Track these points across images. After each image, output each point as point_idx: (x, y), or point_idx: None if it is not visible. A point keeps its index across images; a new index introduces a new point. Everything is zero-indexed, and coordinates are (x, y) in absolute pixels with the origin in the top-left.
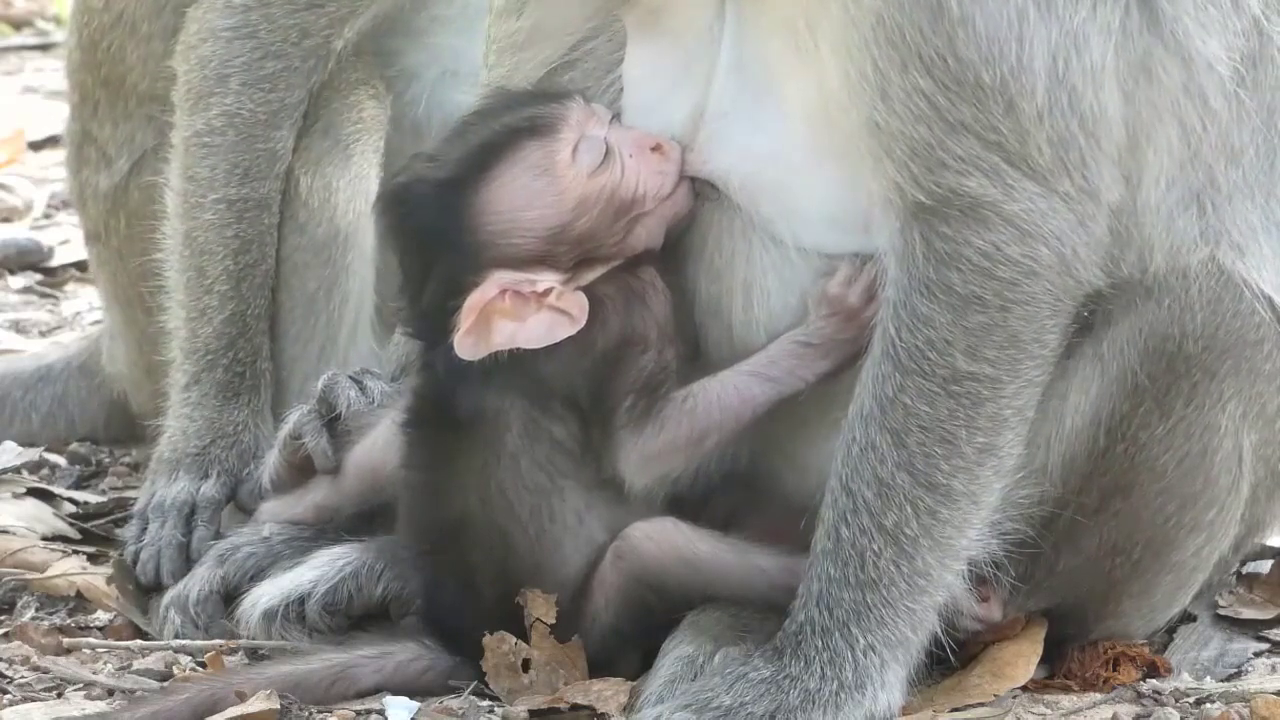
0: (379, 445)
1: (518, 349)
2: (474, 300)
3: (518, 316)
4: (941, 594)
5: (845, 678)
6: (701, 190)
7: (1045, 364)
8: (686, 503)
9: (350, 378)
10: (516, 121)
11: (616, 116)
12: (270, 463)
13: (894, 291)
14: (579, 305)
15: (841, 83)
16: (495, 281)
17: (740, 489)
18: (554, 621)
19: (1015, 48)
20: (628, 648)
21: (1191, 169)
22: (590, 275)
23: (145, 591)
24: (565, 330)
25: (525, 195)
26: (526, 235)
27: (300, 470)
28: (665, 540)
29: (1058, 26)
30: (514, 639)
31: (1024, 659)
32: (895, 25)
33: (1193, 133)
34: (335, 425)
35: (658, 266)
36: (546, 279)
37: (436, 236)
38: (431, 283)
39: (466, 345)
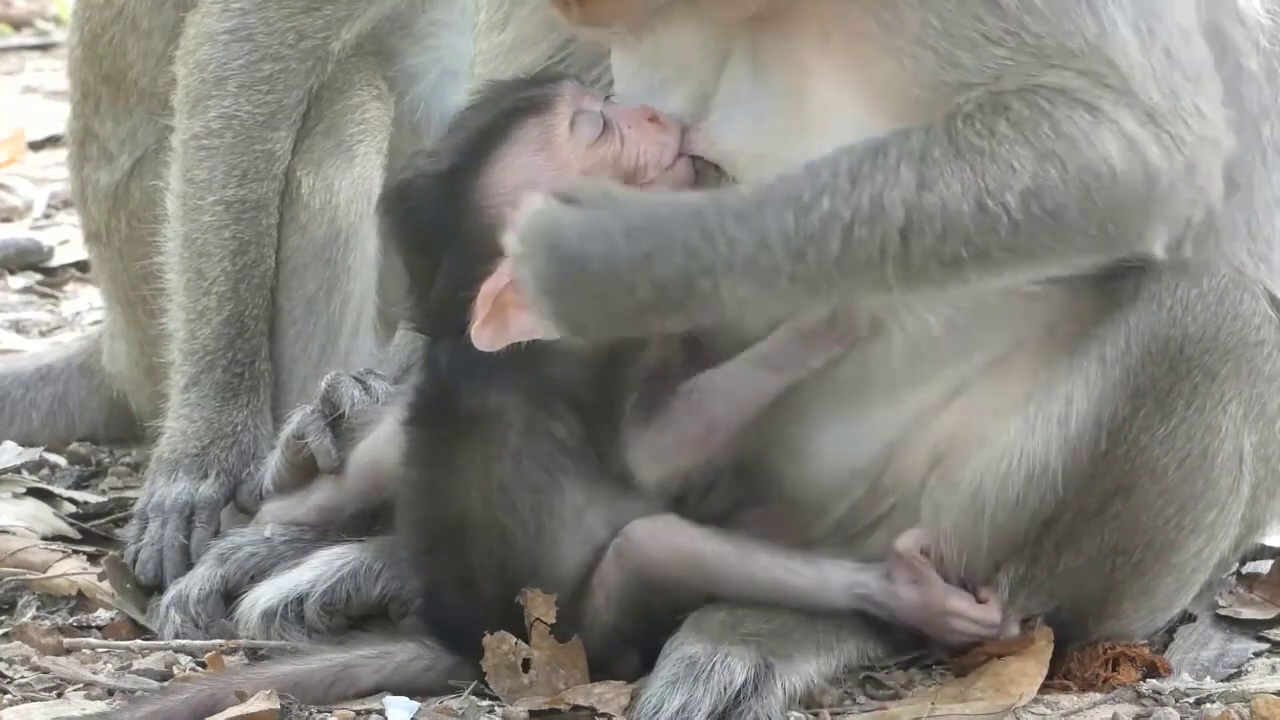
0: (381, 443)
1: (524, 346)
2: (488, 289)
3: None
4: (810, 301)
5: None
6: (703, 171)
7: (1052, 260)
8: (688, 499)
9: (354, 378)
10: (511, 104)
11: (610, 96)
12: (273, 463)
13: (977, 104)
14: None
15: (895, 76)
16: (508, 268)
17: (741, 482)
18: (554, 621)
19: (1091, 19)
20: (628, 647)
21: (1235, 129)
22: None
23: (146, 592)
24: None
25: (528, 173)
26: None
27: (303, 470)
28: (666, 538)
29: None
30: (514, 639)
31: (1028, 678)
32: (947, 26)
33: (1234, 94)
34: (339, 425)
35: None
36: None
37: (443, 227)
38: (441, 276)
39: (484, 336)
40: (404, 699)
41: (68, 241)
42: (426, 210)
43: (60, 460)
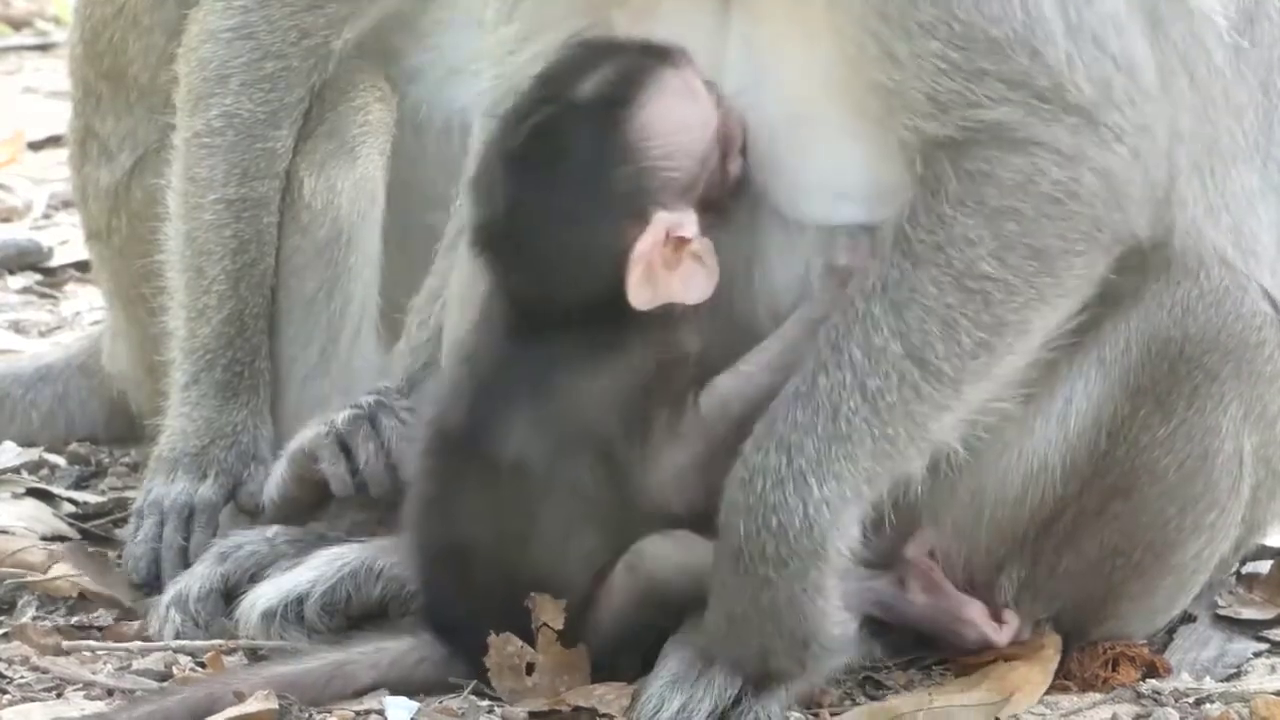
0: None
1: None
2: (644, 246)
3: (673, 266)
4: (901, 466)
5: (801, 543)
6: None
7: (1062, 291)
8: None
9: (368, 419)
10: (639, 54)
11: None
12: (278, 474)
13: (915, 202)
14: (712, 255)
15: (842, 58)
16: (661, 223)
17: None
18: (561, 628)
19: (1019, 6)
20: (630, 654)
21: (1201, 123)
22: (703, 222)
23: (146, 593)
24: (705, 285)
25: (680, 117)
26: (686, 159)
27: (312, 486)
28: (678, 555)
29: None
30: (519, 642)
31: (1032, 685)
32: (879, 2)
33: (1201, 84)
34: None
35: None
36: (691, 222)
37: (599, 164)
38: (580, 228)
39: (643, 296)
40: (403, 699)
41: (68, 241)
42: (583, 141)
43: (60, 460)
